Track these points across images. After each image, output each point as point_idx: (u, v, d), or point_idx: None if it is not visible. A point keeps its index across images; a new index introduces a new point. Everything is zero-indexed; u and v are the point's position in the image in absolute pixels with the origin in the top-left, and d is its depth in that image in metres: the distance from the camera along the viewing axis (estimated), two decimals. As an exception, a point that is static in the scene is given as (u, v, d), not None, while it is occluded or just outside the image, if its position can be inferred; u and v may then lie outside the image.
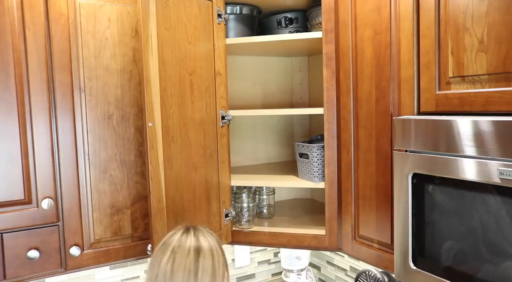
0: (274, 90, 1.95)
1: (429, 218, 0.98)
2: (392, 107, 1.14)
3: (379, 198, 1.21)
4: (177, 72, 1.29)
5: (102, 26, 1.30)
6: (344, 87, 1.32)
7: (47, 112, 1.24)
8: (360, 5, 1.23)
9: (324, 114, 1.38)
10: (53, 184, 1.26)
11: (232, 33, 1.53)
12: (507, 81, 0.86)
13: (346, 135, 1.32)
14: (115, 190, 1.35)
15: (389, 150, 1.16)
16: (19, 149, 1.21)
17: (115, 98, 1.34)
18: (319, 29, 1.46)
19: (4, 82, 1.18)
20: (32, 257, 1.22)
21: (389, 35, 1.14)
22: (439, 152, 0.94)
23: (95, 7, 1.29)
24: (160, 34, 1.22)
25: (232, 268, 1.95)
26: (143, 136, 1.37)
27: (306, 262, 1.78)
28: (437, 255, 0.97)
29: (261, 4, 1.58)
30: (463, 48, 0.94)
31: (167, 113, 1.25)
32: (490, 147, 0.83)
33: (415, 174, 1.00)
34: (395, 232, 1.07)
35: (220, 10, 1.43)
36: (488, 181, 0.84)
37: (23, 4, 1.19)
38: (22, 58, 1.20)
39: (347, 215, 1.35)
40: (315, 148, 1.45)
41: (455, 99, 0.96)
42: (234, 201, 1.56)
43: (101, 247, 1.34)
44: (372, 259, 1.25)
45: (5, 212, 1.21)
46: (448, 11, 0.96)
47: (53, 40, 1.24)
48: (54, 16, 1.24)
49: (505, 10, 0.85)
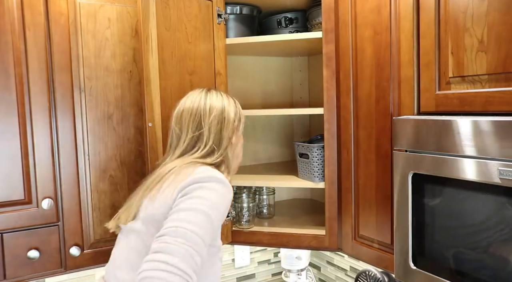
0: (274, 90, 1.95)
1: (429, 218, 0.98)
2: (392, 107, 1.14)
3: (379, 198, 1.21)
4: (177, 72, 1.29)
5: (102, 26, 1.30)
6: (344, 87, 1.32)
7: (47, 112, 1.24)
8: (360, 5, 1.23)
9: (324, 114, 1.38)
10: (53, 184, 1.26)
11: (232, 33, 1.53)
12: (507, 81, 0.86)
13: (346, 135, 1.32)
14: (115, 190, 1.35)
15: (389, 150, 1.16)
16: (19, 149, 1.21)
17: (115, 98, 1.34)
18: (319, 29, 1.46)
19: (4, 82, 1.18)
20: (32, 257, 1.22)
21: (389, 35, 1.14)
22: (439, 152, 0.94)
23: (95, 7, 1.29)
24: (160, 34, 1.22)
25: (232, 268, 1.95)
26: (143, 137, 1.37)
27: (306, 262, 1.78)
28: (437, 255, 0.97)
29: (261, 4, 1.58)
30: (463, 48, 0.94)
31: (167, 113, 1.25)
32: (490, 147, 0.83)
33: (415, 174, 1.00)
34: (395, 232, 1.07)
35: (220, 10, 1.43)
36: (488, 181, 0.84)
37: (23, 4, 1.19)
38: (22, 58, 1.20)
39: (347, 215, 1.35)
40: (315, 148, 1.45)
41: (455, 99, 0.96)
42: (234, 201, 1.55)
43: (101, 247, 1.34)
44: (372, 259, 1.25)
45: (5, 212, 1.21)
46: (448, 11, 0.96)
47: (53, 40, 1.24)
48: (54, 16, 1.24)
49: (505, 10, 0.85)
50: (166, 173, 1.02)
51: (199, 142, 1.08)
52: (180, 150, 1.08)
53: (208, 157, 1.07)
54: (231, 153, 1.13)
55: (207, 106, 1.10)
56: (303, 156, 1.51)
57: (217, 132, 1.09)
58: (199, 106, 1.09)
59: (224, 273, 1.93)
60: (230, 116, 1.11)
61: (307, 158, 1.49)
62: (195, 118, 1.08)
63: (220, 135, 1.09)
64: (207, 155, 1.08)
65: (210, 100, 1.11)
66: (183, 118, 1.10)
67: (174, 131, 1.11)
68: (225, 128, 1.10)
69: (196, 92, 1.13)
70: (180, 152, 1.08)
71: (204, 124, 1.08)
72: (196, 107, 1.09)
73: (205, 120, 1.08)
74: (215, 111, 1.09)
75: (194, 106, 1.10)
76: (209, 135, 1.08)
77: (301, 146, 1.52)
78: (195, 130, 1.08)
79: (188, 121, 1.09)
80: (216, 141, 1.09)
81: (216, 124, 1.09)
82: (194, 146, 1.08)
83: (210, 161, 1.07)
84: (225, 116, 1.10)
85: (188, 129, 1.08)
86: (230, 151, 1.12)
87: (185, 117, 1.09)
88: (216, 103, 1.11)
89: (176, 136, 1.10)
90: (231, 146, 1.12)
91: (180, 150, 1.08)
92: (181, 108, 1.11)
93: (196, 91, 1.14)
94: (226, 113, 1.11)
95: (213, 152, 1.08)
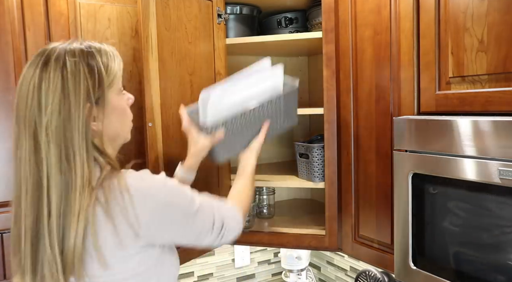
0: (274, 90, 1.95)
1: (429, 218, 0.98)
2: (392, 107, 1.14)
3: (379, 198, 1.21)
4: (177, 72, 1.29)
5: (102, 26, 1.30)
6: (344, 87, 1.32)
7: (47, 112, 1.24)
8: (360, 5, 1.23)
9: (324, 114, 1.37)
10: (53, 184, 1.25)
11: (232, 33, 1.53)
12: (507, 81, 0.86)
13: (346, 136, 1.32)
14: (115, 190, 1.35)
15: (389, 150, 1.16)
16: (19, 149, 1.21)
17: (115, 98, 1.33)
18: (319, 29, 1.46)
19: (4, 82, 1.18)
20: (32, 257, 1.22)
21: (389, 35, 1.14)
22: (439, 152, 0.94)
23: (95, 7, 1.29)
24: (160, 34, 1.22)
25: (232, 268, 1.95)
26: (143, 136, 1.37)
27: (306, 262, 1.78)
28: (437, 255, 0.97)
29: (261, 4, 1.58)
30: (463, 48, 0.94)
31: (167, 113, 1.25)
32: (490, 147, 0.83)
33: (415, 174, 1.00)
34: (395, 232, 1.07)
35: (220, 10, 1.43)
36: (488, 181, 0.84)
37: (23, 4, 1.19)
38: (22, 58, 1.20)
39: (347, 215, 1.35)
40: (315, 148, 1.45)
41: (455, 99, 0.96)
42: (234, 201, 1.55)
43: (101, 247, 1.34)
44: (372, 259, 1.25)
45: (5, 212, 1.20)
46: (448, 11, 0.96)
47: (53, 40, 1.24)
48: (54, 16, 1.23)
49: (505, 10, 0.85)
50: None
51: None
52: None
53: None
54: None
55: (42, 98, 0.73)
56: (303, 156, 1.51)
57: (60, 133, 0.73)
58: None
59: (224, 273, 1.93)
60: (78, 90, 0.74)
61: (307, 158, 1.49)
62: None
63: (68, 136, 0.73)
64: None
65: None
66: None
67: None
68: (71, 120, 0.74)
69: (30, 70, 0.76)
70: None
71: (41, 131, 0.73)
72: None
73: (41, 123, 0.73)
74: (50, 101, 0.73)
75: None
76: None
77: (301, 146, 1.52)
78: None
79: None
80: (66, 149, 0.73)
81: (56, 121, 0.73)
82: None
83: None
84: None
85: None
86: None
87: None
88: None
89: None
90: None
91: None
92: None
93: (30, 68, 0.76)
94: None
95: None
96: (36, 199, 0.75)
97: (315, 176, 1.45)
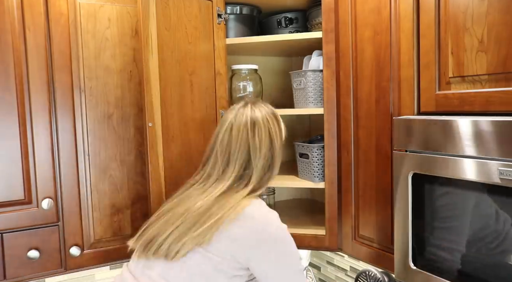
0: (274, 90, 1.95)
1: (429, 218, 0.98)
2: (392, 107, 1.14)
3: (379, 198, 1.21)
4: (177, 72, 1.29)
5: (102, 26, 1.30)
6: (344, 87, 1.32)
7: (47, 112, 1.24)
8: (360, 5, 1.23)
9: (324, 114, 1.38)
10: (53, 184, 1.26)
11: (232, 33, 1.53)
12: (507, 81, 0.86)
13: (346, 135, 1.32)
14: (115, 190, 1.35)
15: (389, 150, 1.16)
16: (19, 149, 1.21)
17: (115, 98, 1.34)
18: (319, 29, 1.46)
19: (4, 82, 1.18)
20: (32, 257, 1.22)
21: (389, 35, 1.14)
22: (439, 152, 0.94)
23: (95, 7, 1.29)
24: (160, 34, 1.22)
25: (232, 268, 1.95)
26: (143, 137, 1.37)
27: (306, 262, 1.78)
28: (437, 255, 0.97)
29: (261, 4, 1.58)
30: (463, 48, 0.94)
31: (167, 113, 1.25)
32: (490, 147, 0.83)
33: (415, 174, 1.00)
34: (395, 232, 1.07)
35: (220, 10, 1.43)
36: (488, 181, 0.84)
37: (23, 4, 1.19)
38: (22, 58, 1.20)
39: (347, 215, 1.35)
40: (315, 148, 1.45)
41: (455, 99, 0.96)
42: (234, 201, 1.55)
43: (101, 247, 1.34)
44: (372, 259, 1.25)
45: (5, 212, 1.21)
46: (448, 11, 0.96)
47: (53, 40, 1.24)
48: (54, 16, 1.24)
49: (505, 10, 0.85)
50: (215, 212, 0.99)
51: (245, 175, 1.07)
52: (224, 183, 1.05)
53: (254, 190, 1.08)
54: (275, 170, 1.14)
55: (256, 140, 1.08)
56: (303, 156, 1.51)
57: (268, 158, 1.10)
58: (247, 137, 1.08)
59: (224, 273, 1.93)
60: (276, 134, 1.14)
61: (307, 158, 1.49)
62: (243, 151, 1.07)
63: (271, 161, 1.11)
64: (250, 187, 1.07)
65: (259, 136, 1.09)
66: (232, 143, 1.08)
67: (219, 154, 1.08)
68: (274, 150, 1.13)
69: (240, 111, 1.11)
70: (224, 186, 1.05)
71: (254, 158, 1.07)
72: (245, 137, 1.08)
73: (255, 154, 1.07)
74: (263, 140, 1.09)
75: (242, 137, 1.07)
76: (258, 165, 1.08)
77: (301, 146, 1.52)
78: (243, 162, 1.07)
79: (238, 150, 1.07)
80: (266, 166, 1.10)
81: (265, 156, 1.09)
82: (240, 177, 1.07)
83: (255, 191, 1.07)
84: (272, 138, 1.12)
85: (236, 162, 1.06)
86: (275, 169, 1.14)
87: (234, 141, 1.08)
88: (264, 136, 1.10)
89: (219, 161, 1.08)
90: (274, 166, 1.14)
91: (224, 183, 1.05)
92: (229, 127, 1.09)
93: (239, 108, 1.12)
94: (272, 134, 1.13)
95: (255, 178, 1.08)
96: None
97: (315, 176, 1.45)
